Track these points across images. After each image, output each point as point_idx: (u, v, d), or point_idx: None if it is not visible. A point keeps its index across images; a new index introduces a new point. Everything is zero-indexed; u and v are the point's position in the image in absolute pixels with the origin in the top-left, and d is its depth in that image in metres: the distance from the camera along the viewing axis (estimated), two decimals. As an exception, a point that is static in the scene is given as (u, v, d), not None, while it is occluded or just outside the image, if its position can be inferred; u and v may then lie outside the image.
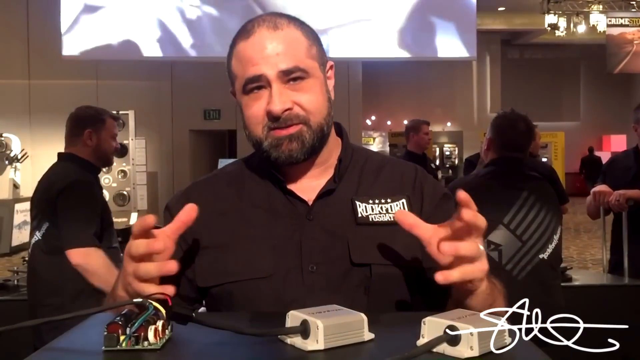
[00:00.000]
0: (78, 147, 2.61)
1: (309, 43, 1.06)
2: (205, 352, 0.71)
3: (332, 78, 1.12)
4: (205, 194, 1.12)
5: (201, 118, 11.75)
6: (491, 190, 2.39)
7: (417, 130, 5.02)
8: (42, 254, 2.47)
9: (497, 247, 2.29)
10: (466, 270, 0.84)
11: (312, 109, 1.04)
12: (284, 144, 1.03)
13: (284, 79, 1.02)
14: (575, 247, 9.33)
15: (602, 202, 2.96)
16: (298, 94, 1.03)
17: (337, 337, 0.71)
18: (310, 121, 1.04)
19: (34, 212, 2.54)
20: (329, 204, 1.07)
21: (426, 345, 0.68)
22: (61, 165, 2.59)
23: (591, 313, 2.73)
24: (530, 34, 17.25)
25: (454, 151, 16.25)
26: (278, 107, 1.01)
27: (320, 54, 1.08)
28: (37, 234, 2.49)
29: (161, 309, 0.72)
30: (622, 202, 2.87)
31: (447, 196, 1.12)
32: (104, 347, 0.69)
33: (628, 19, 13.21)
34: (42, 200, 2.50)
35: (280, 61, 1.01)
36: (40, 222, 2.49)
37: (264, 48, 1.02)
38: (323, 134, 1.06)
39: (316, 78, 1.05)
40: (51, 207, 2.44)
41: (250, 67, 1.02)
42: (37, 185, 2.58)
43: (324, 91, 1.07)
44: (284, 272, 1.02)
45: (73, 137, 2.63)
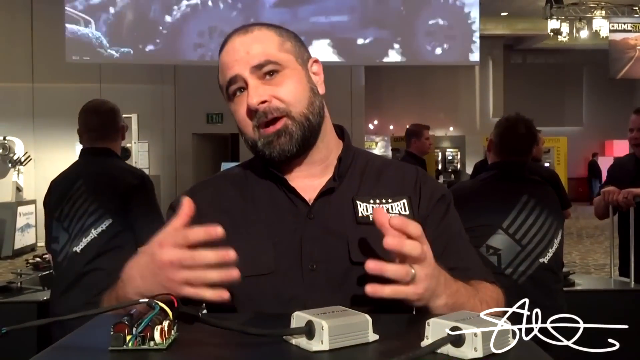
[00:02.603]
0: (118, 141, 2.55)
1: (281, 39, 1.09)
2: (210, 352, 0.71)
3: (319, 74, 1.13)
4: (209, 193, 1.14)
5: (204, 122, 11.79)
6: (490, 195, 2.39)
7: (418, 135, 5.02)
8: (99, 252, 2.35)
9: (497, 252, 2.29)
10: (399, 290, 0.84)
11: (290, 100, 1.05)
12: (274, 140, 1.05)
13: (258, 74, 1.05)
14: (577, 252, 9.32)
15: (612, 200, 3.06)
16: (275, 87, 1.05)
17: (341, 338, 0.71)
18: (292, 112, 1.05)
19: (92, 208, 2.40)
20: (330, 203, 1.08)
21: (430, 346, 0.68)
22: (109, 159, 2.51)
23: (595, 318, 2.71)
24: (533, 39, 17.27)
25: (457, 156, 16.27)
26: (254, 100, 1.03)
27: (296, 49, 1.10)
28: (92, 231, 2.38)
29: (167, 309, 0.73)
30: (630, 199, 2.99)
31: (444, 197, 1.14)
32: (110, 346, 0.70)
33: (631, 25, 13.23)
34: (104, 197, 2.40)
35: (251, 58, 1.05)
36: (99, 219, 2.38)
37: (236, 51, 1.06)
38: (310, 123, 1.07)
39: (293, 69, 1.07)
40: (120, 203, 2.38)
41: (227, 72, 1.07)
42: (84, 181, 2.44)
43: (304, 82, 1.08)
44: (284, 270, 1.03)
45: (115, 132, 2.55)
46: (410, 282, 0.84)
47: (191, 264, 0.84)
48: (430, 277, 0.86)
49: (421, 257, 0.85)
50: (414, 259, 0.84)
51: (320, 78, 1.13)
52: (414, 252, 0.84)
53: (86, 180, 2.45)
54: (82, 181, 2.45)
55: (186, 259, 0.84)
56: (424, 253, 0.85)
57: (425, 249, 0.86)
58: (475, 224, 2.22)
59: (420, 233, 0.85)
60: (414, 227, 0.85)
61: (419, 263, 0.85)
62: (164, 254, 0.85)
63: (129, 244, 2.36)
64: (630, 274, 3.05)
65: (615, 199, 3.03)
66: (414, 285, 0.85)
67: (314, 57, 1.14)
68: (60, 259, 2.45)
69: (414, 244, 0.84)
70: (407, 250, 0.83)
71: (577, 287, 3.08)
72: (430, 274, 0.86)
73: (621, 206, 3.05)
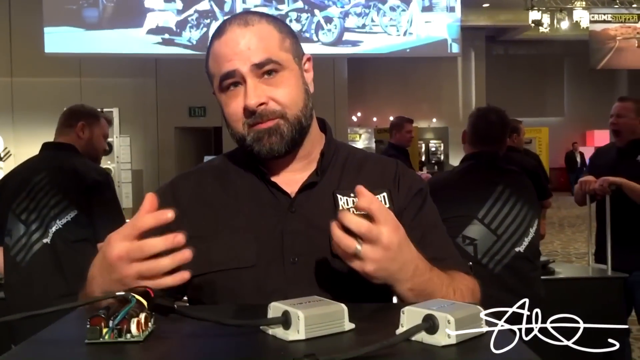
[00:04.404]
0: (70, 137, 2.57)
1: (282, 36, 1.07)
2: (187, 343, 0.72)
3: (310, 71, 1.13)
4: (190, 185, 1.14)
5: (186, 115, 11.72)
6: (465, 186, 2.42)
7: (400, 128, 5.10)
8: (65, 243, 2.37)
9: (472, 242, 2.31)
10: (346, 258, 0.86)
11: (287, 103, 1.05)
12: (265, 138, 1.05)
13: (257, 72, 1.04)
14: (559, 241, 9.43)
15: (588, 189, 3.11)
16: (273, 88, 1.04)
17: (318, 327, 0.72)
18: (287, 114, 1.05)
19: (54, 200, 2.41)
20: (312, 196, 1.09)
21: (404, 333, 0.69)
22: (73, 155, 2.53)
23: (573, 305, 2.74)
24: (515, 30, 17.35)
25: (440, 147, 16.33)
26: (253, 101, 1.03)
27: (294, 47, 1.09)
28: (57, 222, 2.38)
29: (143, 301, 0.73)
30: (605, 187, 3.02)
31: (421, 190, 1.15)
32: (86, 339, 0.70)
33: (611, 15, 13.35)
34: (69, 189, 2.41)
35: (252, 55, 1.03)
36: (63, 211, 2.39)
37: (236, 44, 1.04)
38: (301, 126, 1.07)
39: (291, 70, 1.07)
40: (84, 197, 2.40)
41: (224, 64, 1.04)
42: (46, 174, 2.45)
43: (300, 83, 1.08)
44: (266, 263, 1.03)
45: (65, 127, 2.59)
46: (356, 257, 0.85)
47: (140, 255, 0.82)
48: (383, 261, 0.86)
49: (369, 237, 0.84)
50: (363, 237, 0.84)
51: (310, 76, 1.13)
52: (356, 229, 0.84)
53: (49, 174, 2.46)
54: (44, 174, 2.46)
55: (134, 251, 0.82)
56: (375, 235, 0.84)
57: (384, 232, 0.85)
58: (451, 214, 2.24)
59: (381, 217, 0.85)
60: (376, 208, 0.85)
61: (370, 243, 0.85)
62: (112, 249, 0.83)
63: (93, 239, 2.39)
64: (608, 261, 3.10)
65: (592, 188, 3.07)
66: (360, 262, 0.85)
67: (307, 54, 1.13)
68: (13, 252, 2.43)
69: (359, 221, 0.84)
70: (349, 225, 0.84)
71: (557, 276, 3.12)
72: (382, 257, 0.85)
73: (598, 194, 3.10)
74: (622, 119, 3.19)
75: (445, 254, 1.10)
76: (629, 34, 13.28)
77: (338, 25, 10.05)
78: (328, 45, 10.07)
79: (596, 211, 3.28)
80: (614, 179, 3.01)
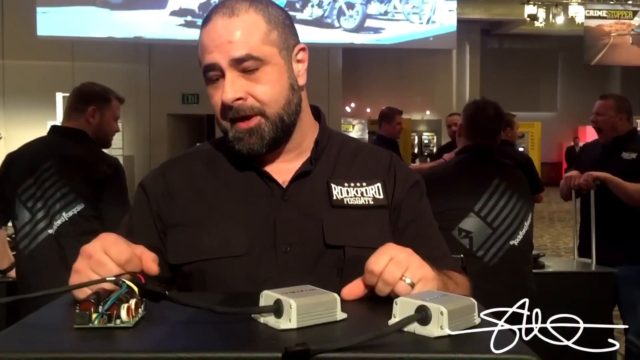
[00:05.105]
0: (80, 122, 2.49)
1: (268, 28, 1.03)
2: (178, 330, 0.71)
3: (304, 61, 1.09)
4: (180, 171, 1.12)
5: (179, 102, 11.66)
6: (462, 179, 2.42)
7: (389, 119, 5.04)
8: (71, 236, 2.31)
9: (468, 235, 2.32)
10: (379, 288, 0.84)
11: (266, 100, 1.02)
12: (245, 138, 1.03)
13: (237, 67, 1.01)
14: (549, 235, 9.48)
15: (573, 184, 3.13)
16: (252, 84, 1.02)
17: (310, 316, 0.71)
18: (267, 112, 1.03)
19: (60, 193, 2.36)
20: (305, 185, 1.08)
21: (396, 324, 0.69)
22: (82, 143, 2.46)
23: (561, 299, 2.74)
24: (510, 24, 17.34)
25: (433, 139, 16.37)
26: (229, 97, 1.01)
27: (282, 39, 1.05)
28: (63, 215, 2.34)
29: (134, 287, 0.72)
30: (590, 182, 3.05)
31: (417, 183, 1.14)
32: (76, 324, 0.69)
33: (606, 11, 13.36)
34: (76, 182, 2.36)
35: (232, 49, 1.00)
36: (70, 203, 2.35)
37: (218, 36, 1.01)
38: (284, 123, 1.05)
39: (274, 65, 1.03)
40: (92, 191, 2.36)
41: (206, 55, 1.03)
42: (54, 162, 2.39)
43: (283, 79, 1.04)
44: (257, 252, 1.02)
45: (75, 111, 2.51)
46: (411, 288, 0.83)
47: (98, 269, 0.81)
48: (427, 281, 0.85)
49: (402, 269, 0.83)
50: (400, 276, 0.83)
51: (304, 66, 1.09)
52: (391, 279, 0.82)
53: (56, 162, 2.40)
54: (52, 162, 2.40)
55: (97, 264, 0.81)
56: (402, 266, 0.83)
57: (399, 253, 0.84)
58: (447, 207, 2.25)
59: (383, 249, 0.85)
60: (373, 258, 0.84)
61: (408, 270, 0.83)
62: (94, 244, 0.84)
63: (100, 231, 2.33)
64: (592, 255, 3.12)
65: (577, 183, 3.09)
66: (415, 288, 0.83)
67: (301, 44, 1.09)
68: (18, 238, 2.41)
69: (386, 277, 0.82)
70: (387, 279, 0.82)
71: (547, 270, 3.14)
72: (424, 276, 0.84)
73: (583, 189, 3.12)
74: (601, 116, 3.21)
75: (441, 252, 1.10)
76: (623, 30, 13.30)
77: (360, 12, 9.90)
78: (350, 32, 9.93)
79: (581, 206, 3.30)
80: (598, 173, 3.03)
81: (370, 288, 0.84)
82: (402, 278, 0.82)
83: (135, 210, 1.12)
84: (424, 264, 0.85)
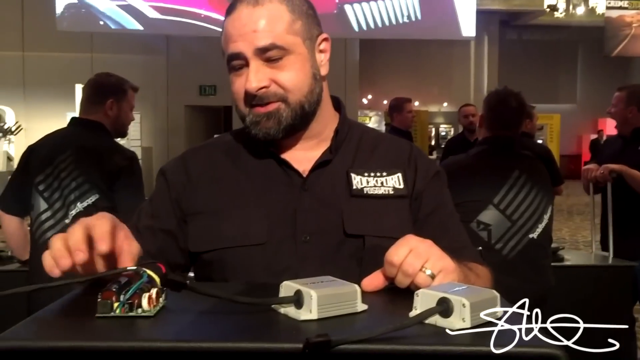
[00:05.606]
0: (98, 115, 2.52)
1: (292, 18, 1.04)
2: (198, 320, 0.71)
3: (326, 51, 1.10)
4: (201, 160, 1.13)
5: (197, 94, 11.69)
6: (481, 170, 2.40)
7: (399, 109, 4.94)
8: None
9: (487, 227, 2.30)
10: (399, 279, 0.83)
11: (290, 87, 1.03)
12: (262, 121, 1.04)
13: (261, 56, 1.02)
14: (567, 228, 9.39)
15: (590, 177, 3.11)
16: (276, 71, 1.03)
17: (330, 307, 0.71)
18: (289, 99, 1.04)
19: (75, 183, 2.38)
20: (325, 175, 1.08)
21: (418, 316, 0.68)
22: (100, 135, 2.49)
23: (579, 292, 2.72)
24: (529, 15, 17.15)
25: (450, 131, 16.27)
26: (253, 85, 1.02)
27: (305, 28, 1.06)
28: (78, 205, 2.37)
29: (155, 277, 0.72)
30: (606, 174, 3.03)
31: (438, 174, 1.14)
32: (97, 313, 0.69)
33: (627, 2, 13.16)
34: (92, 173, 2.38)
35: (256, 38, 1.01)
36: (85, 194, 2.38)
37: (242, 25, 1.02)
38: (304, 111, 1.05)
39: (297, 54, 1.04)
40: (106, 182, 2.38)
41: (230, 45, 1.03)
42: (71, 152, 2.41)
43: (307, 68, 1.05)
44: (277, 241, 1.03)
45: (94, 104, 2.54)
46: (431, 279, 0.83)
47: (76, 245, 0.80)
48: (448, 272, 0.84)
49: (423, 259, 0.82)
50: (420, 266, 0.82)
51: (326, 56, 1.10)
52: (411, 270, 0.82)
53: (73, 153, 2.43)
54: (69, 153, 2.43)
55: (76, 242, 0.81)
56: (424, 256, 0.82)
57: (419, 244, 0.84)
58: (466, 199, 2.23)
59: (404, 240, 0.84)
60: (394, 248, 0.83)
61: (428, 262, 0.82)
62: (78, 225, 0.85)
63: None
64: (609, 249, 3.10)
65: (594, 176, 3.08)
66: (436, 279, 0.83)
67: (324, 35, 1.10)
68: (34, 228, 2.43)
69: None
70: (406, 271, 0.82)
71: (566, 263, 3.11)
72: (445, 267, 0.84)
73: (600, 182, 3.10)
74: (614, 108, 3.22)
75: (463, 243, 1.09)
76: (645, 21, 13.10)
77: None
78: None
79: (602, 199, 3.27)
80: (614, 166, 3.01)
81: (390, 279, 0.83)
82: (422, 269, 0.82)
83: (156, 195, 1.14)
84: (444, 255, 0.84)
